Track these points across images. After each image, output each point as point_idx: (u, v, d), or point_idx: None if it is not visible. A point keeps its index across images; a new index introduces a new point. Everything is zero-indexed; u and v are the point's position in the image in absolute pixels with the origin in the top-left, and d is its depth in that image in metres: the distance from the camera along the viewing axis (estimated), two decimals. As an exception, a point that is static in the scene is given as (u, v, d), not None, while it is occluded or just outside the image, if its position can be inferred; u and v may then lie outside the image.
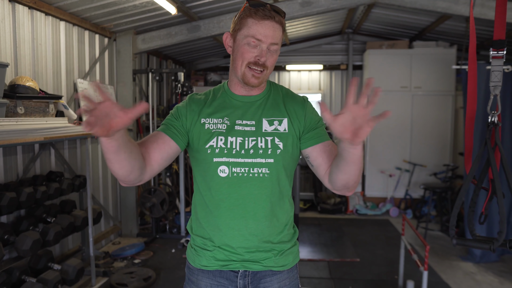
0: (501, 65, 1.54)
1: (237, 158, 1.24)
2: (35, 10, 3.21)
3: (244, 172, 1.24)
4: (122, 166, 1.11)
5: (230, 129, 1.26)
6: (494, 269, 3.82)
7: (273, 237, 1.29)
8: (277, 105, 1.32)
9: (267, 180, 1.25)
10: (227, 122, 1.28)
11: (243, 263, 1.27)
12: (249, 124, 1.27)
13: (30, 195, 2.66)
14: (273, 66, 1.27)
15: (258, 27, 1.20)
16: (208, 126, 1.27)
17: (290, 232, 1.34)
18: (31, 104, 2.75)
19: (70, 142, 3.73)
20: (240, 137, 1.25)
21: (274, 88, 1.38)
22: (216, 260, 1.28)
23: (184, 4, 4.02)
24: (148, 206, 4.53)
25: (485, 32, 5.05)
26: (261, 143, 1.25)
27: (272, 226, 1.28)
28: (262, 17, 1.21)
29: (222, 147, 1.24)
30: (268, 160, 1.24)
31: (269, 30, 1.21)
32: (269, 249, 1.28)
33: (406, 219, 3.22)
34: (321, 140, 1.28)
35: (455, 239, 1.57)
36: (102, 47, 4.34)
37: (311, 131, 1.29)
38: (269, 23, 1.21)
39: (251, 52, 1.22)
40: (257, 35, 1.20)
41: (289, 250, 1.33)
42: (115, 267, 3.79)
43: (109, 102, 0.99)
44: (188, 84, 4.72)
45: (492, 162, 1.51)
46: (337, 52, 6.94)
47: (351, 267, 3.85)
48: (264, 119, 1.28)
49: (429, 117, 5.93)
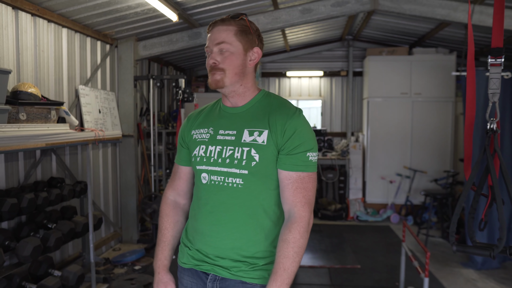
0: (499, 72, 1.55)
1: (215, 166, 1.28)
2: (38, 17, 3.25)
3: (220, 181, 1.27)
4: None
5: (212, 139, 1.32)
6: (495, 276, 3.80)
7: (246, 249, 1.27)
8: (262, 116, 1.28)
9: (241, 191, 1.25)
10: (211, 131, 1.33)
11: (213, 267, 1.30)
12: (230, 133, 1.29)
13: (31, 201, 2.67)
14: (233, 66, 1.27)
15: (208, 37, 1.31)
16: (195, 136, 1.37)
17: (269, 250, 1.29)
18: (33, 110, 2.77)
19: (71, 148, 3.74)
20: (219, 146, 1.29)
21: (265, 99, 1.34)
22: (193, 259, 1.35)
23: (185, 11, 4.05)
24: (149, 212, 4.53)
25: (484, 39, 5.08)
26: (237, 153, 1.25)
27: (245, 238, 1.26)
28: (210, 28, 1.31)
29: (202, 156, 1.31)
30: (242, 171, 1.24)
31: (213, 35, 1.28)
32: (241, 259, 1.27)
33: (406, 225, 3.22)
34: (284, 168, 1.24)
35: (455, 245, 1.57)
36: (104, 53, 4.37)
37: (284, 154, 1.24)
38: (215, 28, 1.29)
39: (207, 60, 1.31)
40: (207, 43, 1.31)
41: (264, 266, 1.28)
42: (116, 273, 3.78)
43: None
44: (189, 90, 4.73)
45: (491, 169, 1.52)
46: (337, 59, 6.98)
47: (352, 273, 3.84)
48: (246, 129, 1.27)
49: (429, 123, 5.94)
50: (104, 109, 4.19)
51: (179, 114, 4.67)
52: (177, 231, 1.46)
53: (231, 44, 1.26)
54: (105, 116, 4.17)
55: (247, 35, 1.29)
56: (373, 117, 6.05)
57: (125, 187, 4.73)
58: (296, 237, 1.20)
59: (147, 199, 4.62)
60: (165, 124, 5.59)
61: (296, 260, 1.19)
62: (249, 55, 1.31)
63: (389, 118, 6.02)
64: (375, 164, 6.11)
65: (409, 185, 5.91)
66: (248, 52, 1.31)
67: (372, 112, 6.06)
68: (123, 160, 4.70)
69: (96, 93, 4.10)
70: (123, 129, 4.56)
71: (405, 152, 6.03)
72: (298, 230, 1.21)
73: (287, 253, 1.19)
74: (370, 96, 6.07)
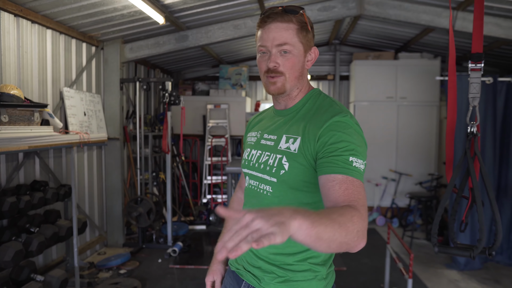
0: (479, 77, 1.59)
1: (253, 171, 1.26)
2: (21, 18, 3.20)
3: (255, 186, 1.26)
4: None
5: (257, 143, 1.29)
6: (477, 276, 3.87)
7: (276, 260, 1.19)
8: (301, 121, 1.18)
9: (269, 199, 1.19)
10: (258, 135, 1.30)
11: (247, 274, 1.27)
12: (271, 138, 1.23)
13: (13, 205, 2.62)
14: (295, 69, 1.17)
15: (263, 33, 1.17)
16: (248, 139, 1.37)
17: (302, 265, 1.17)
18: (15, 112, 2.72)
19: (55, 151, 3.69)
20: (260, 150, 1.25)
21: (313, 100, 1.22)
22: (235, 262, 1.34)
23: (172, 14, 4.04)
24: (135, 216, 4.48)
25: (467, 45, 5.18)
26: (271, 159, 1.19)
27: (275, 248, 1.18)
28: (265, 22, 1.16)
29: (245, 159, 1.31)
30: (272, 179, 1.18)
31: (272, 32, 1.14)
32: (269, 270, 1.20)
33: (391, 227, 3.26)
34: (324, 172, 1.04)
35: (437, 246, 1.60)
36: (89, 55, 4.33)
37: (322, 158, 1.07)
38: (273, 25, 1.15)
39: (263, 61, 1.18)
40: (262, 41, 1.16)
41: (294, 282, 1.17)
42: (100, 277, 3.73)
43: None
44: (176, 93, 4.72)
45: (471, 172, 1.55)
46: (324, 63, 7.03)
47: (338, 275, 3.86)
48: (285, 135, 1.19)
49: (414, 127, 6.03)
50: (90, 111, 4.15)
51: (165, 117, 4.65)
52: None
53: (294, 45, 1.15)
54: (90, 119, 4.12)
55: (307, 33, 1.18)
56: (359, 121, 5.90)
57: (110, 190, 4.67)
58: (355, 216, 0.90)
59: (133, 203, 4.58)
60: (152, 127, 5.55)
61: (338, 230, 0.84)
62: (308, 56, 1.21)
63: (375, 122, 6.09)
64: (361, 167, 6.16)
65: (394, 188, 5.98)
66: (307, 52, 1.20)
67: (358, 116, 6.12)
68: (109, 163, 4.65)
69: (81, 95, 4.05)
70: (108, 132, 4.52)
71: (391, 156, 6.10)
72: (358, 214, 0.92)
73: (340, 216, 0.88)
74: (357, 100, 6.14)
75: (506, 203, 4.14)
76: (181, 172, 5.89)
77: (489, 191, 1.52)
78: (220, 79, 6.70)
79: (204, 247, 4.82)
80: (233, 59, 6.84)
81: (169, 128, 4.71)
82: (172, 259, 4.27)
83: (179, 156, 5.87)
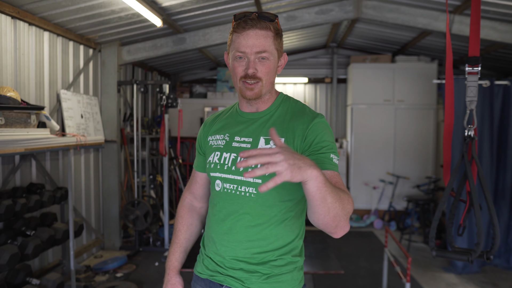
0: (476, 80, 1.60)
1: (228, 174, 1.24)
2: (18, 20, 3.19)
3: (233, 189, 1.23)
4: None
5: (228, 145, 1.27)
6: (475, 280, 3.87)
7: (258, 259, 1.22)
8: (280, 123, 1.23)
9: (253, 201, 1.20)
10: (227, 138, 1.28)
11: (226, 278, 1.25)
12: (246, 141, 1.24)
13: (9, 208, 2.60)
14: (270, 75, 1.21)
15: (240, 39, 1.18)
16: (211, 142, 1.33)
17: (284, 259, 1.23)
18: (11, 114, 2.71)
19: (52, 154, 3.67)
20: (234, 153, 1.24)
21: (285, 104, 1.28)
22: (207, 269, 1.31)
23: (169, 17, 4.04)
24: (132, 219, 4.46)
25: (464, 48, 5.20)
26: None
27: (257, 248, 1.21)
28: (243, 28, 1.17)
29: (216, 162, 1.27)
30: (256, 180, 1.18)
31: (251, 39, 1.17)
32: (253, 270, 1.22)
33: (389, 231, 3.25)
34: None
35: (434, 250, 1.60)
36: (87, 58, 4.32)
37: (309, 156, 1.15)
38: (252, 32, 1.17)
39: (240, 66, 1.20)
40: (240, 47, 1.18)
41: (278, 276, 1.21)
42: (97, 281, 3.71)
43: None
44: (173, 96, 4.71)
45: (469, 175, 1.55)
46: (321, 66, 7.05)
47: (336, 279, 3.85)
48: (262, 137, 1.22)
49: (412, 130, 6.04)
50: (87, 114, 4.14)
51: (163, 120, 4.64)
52: (190, 234, 1.46)
53: (271, 52, 1.19)
54: (87, 121, 4.11)
55: (280, 40, 1.22)
56: (356, 124, 6.12)
57: (107, 193, 4.65)
58: (349, 200, 1.05)
59: (130, 205, 4.56)
60: (149, 130, 5.54)
61: (338, 201, 0.98)
62: (279, 61, 1.26)
63: (373, 125, 6.10)
64: (359, 170, 6.17)
65: (392, 191, 5.98)
66: (279, 58, 1.25)
67: (356, 119, 6.13)
68: (106, 165, 4.63)
69: (78, 97, 4.04)
70: (106, 134, 4.50)
71: (388, 158, 6.11)
72: (351, 200, 1.06)
73: (341, 192, 1.02)
74: (354, 103, 6.14)
75: (504, 206, 4.15)
76: (179, 175, 5.87)
77: (487, 195, 1.52)
78: (217, 81, 6.70)
79: (201, 250, 4.80)
80: (231, 62, 6.83)
81: (167, 131, 4.70)
82: (169, 262, 4.25)
83: (176, 159, 5.85)
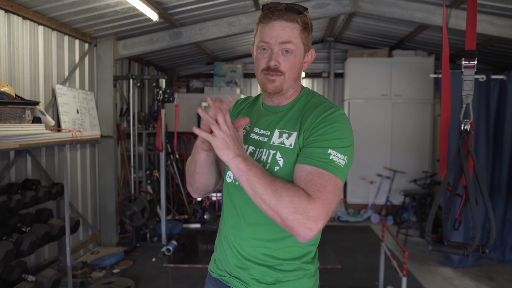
0: (473, 74, 1.59)
1: None
2: (12, 14, 3.15)
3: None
4: (210, 177, 1.25)
5: (246, 137, 1.23)
6: (471, 273, 3.89)
7: (265, 261, 1.16)
8: (296, 117, 1.17)
9: None
10: (247, 128, 1.24)
11: (233, 279, 1.21)
12: (264, 134, 1.20)
13: (4, 204, 2.59)
14: (294, 70, 1.15)
15: (265, 29, 1.14)
16: None
17: (293, 264, 1.17)
18: (6, 110, 2.68)
19: (47, 149, 3.65)
20: (252, 146, 1.20)
21: (305, 98, 1.22)
22: (217, 268, 1.27)
23: (166, 11, 4.01)
24: (128, 214, 4.45)
25: (460, 42, 5.19)
26: (264, 155, 1.15)
27: (264, 248, 1.16)
28: (269, 18, 1.13)
29: None
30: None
31: (276, 30, 1.12)
32: (259, 273, 1.17)
33: (385, 225, 3.26)
34: (298, 161, 1.08)
35: (430, 245, 1.60)
36: (82, 52, 4.28)
37: (303, 147, 1.10)
38: (277, 23, 1.12)
39: (263, 58, 1.15)
40: (264, 37, 1.14)
41: (288, 282, 1.15)
42: (93, 277, 3.70)
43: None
44: (170, 91, 4.68)
45: (465, 169, 1.55)
46: (319, 60, 7.02)
47: (333, 274, 3.87)
48: (277, 131, 1.17)
49: (409, 124, 6.05)
50: (83, 109, 4.11)
51: (159, 115, 4.62)
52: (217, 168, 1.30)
53: (296, 45, 1.13)
54: (83, 117, 4.08)
55: (308, 34, 1.17)
56: (354, 118, 6.12)
57: (104, 188, 4.64)
58: (301, 197, 0.98)
59: (127, 201, 4.54)
60: (146, 125, 5.52)
61: (270, 194, 0.98)
62: (305, 57, 1.20)
63: (370, 119, 6.09)
64: (356, 165, 6.17)
65: (389, 185, 5.99)
66: (306, 53, 1.19)
67: (353, 113, 6.13)
68: (102, 161, 4.61)
69: (74, 92, 4.01)
70: (102, 129, 4.48)
71: (385, 153, 6.11)
72: (306, 198, 0.99)
73: (282, 187, 1.00)
74: (351, 98, 6.14)
75: (499, 200, 4.17)
76: (175, 170, 5.86)
77: (483, 189, 1.52)
78: (214, 76, 6.67)
79: (198, 245, 4.81)
80: (227, 56, 6.81)
81: (163, 126, 4.68)
82: (166, 258, 4.25)
83: (173, 154, 5.84)
